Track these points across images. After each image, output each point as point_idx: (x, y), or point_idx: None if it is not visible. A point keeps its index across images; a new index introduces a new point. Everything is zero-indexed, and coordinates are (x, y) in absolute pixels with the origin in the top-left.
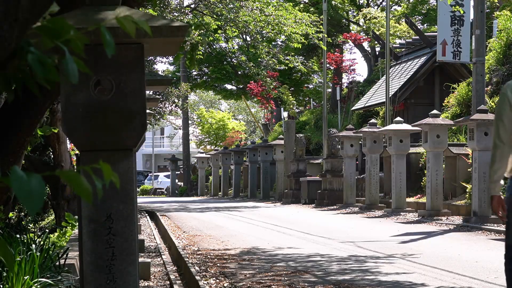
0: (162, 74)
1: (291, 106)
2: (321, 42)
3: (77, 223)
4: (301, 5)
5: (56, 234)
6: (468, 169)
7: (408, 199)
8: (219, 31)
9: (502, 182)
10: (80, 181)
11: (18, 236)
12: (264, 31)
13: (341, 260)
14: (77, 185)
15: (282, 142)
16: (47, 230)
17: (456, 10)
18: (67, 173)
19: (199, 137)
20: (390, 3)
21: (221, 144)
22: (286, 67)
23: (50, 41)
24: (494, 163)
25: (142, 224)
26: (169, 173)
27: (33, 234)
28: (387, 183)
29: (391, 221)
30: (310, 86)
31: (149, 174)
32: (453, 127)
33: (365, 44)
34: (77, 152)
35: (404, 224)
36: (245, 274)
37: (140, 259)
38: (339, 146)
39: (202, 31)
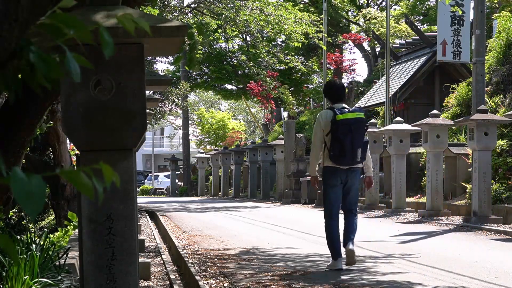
0: (162, 74)
1: (291, 106)
2: (321, 41)
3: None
4: (301, 5)
5: (56, 234)
6: (468, 169)
7: (408, 199)
8: (219, 31)
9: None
10: (80, 178)
11: (18, 236)
12: (264, 31)
13: None
14: (77, 182)
15: (282, 142)
16: (47, 230)
17: (455, 10)
18: (67, 171)
19: (199, 137)
20: (390, 3)
21: (221, 144)
22: (286, 67)
23: (51, 39)
24: (312, 158)
25: (142, 224)
26: (169, 173)
27: (33, 234)
28: (387, 183)
29: (391, 221)
30: (310, 86)
31: (149, 174)
32: (453, 127)
33: (365, 44)
34: (77, 152)
35: (404, 224)
36: (245, 274)
37: (140, 259)
38: None
39: (203, 34)
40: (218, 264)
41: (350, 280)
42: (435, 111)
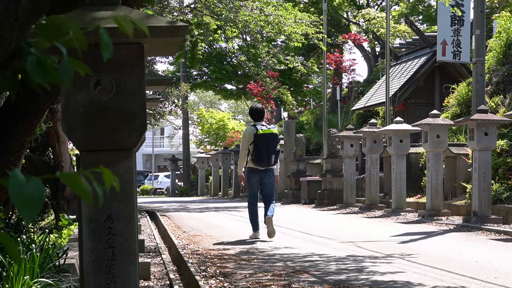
0: (162, 74)
1: (291, 106)
2: (321, 42)
3: (74, 223)
4: (301, 5)
5: (56, 234)
6: (468, 169)
7: (408, 199)
8: (219, 31)
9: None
10: (80, 182)
11: (17, 236)
12: (264, 31)
13: (339, 260)
14: (77, 186)
15: (282, 142)
16: (47, 230)
17: (454, 11)
18: (67, 175)
19: (199, 137)
20: (390, 3)
21: (221, 144)
22: (286, 67)
23: (48, 41)
24: (240, 162)
25: (142, 224)
26: (169, 173)
27: (33, 234)
28: (387, 183)
29: (391, 221)
30: (310, 86)
31: (149, 174)
32: (453, 127)
33: (365, 44)
34: (77, 152)
35: (404, 224)
36: (245, 274)
37: (140, 259)
38: (339, 146)
39: (202, 30)
40: (218, 264)
41: (349, 279)
42: (435, 111)
